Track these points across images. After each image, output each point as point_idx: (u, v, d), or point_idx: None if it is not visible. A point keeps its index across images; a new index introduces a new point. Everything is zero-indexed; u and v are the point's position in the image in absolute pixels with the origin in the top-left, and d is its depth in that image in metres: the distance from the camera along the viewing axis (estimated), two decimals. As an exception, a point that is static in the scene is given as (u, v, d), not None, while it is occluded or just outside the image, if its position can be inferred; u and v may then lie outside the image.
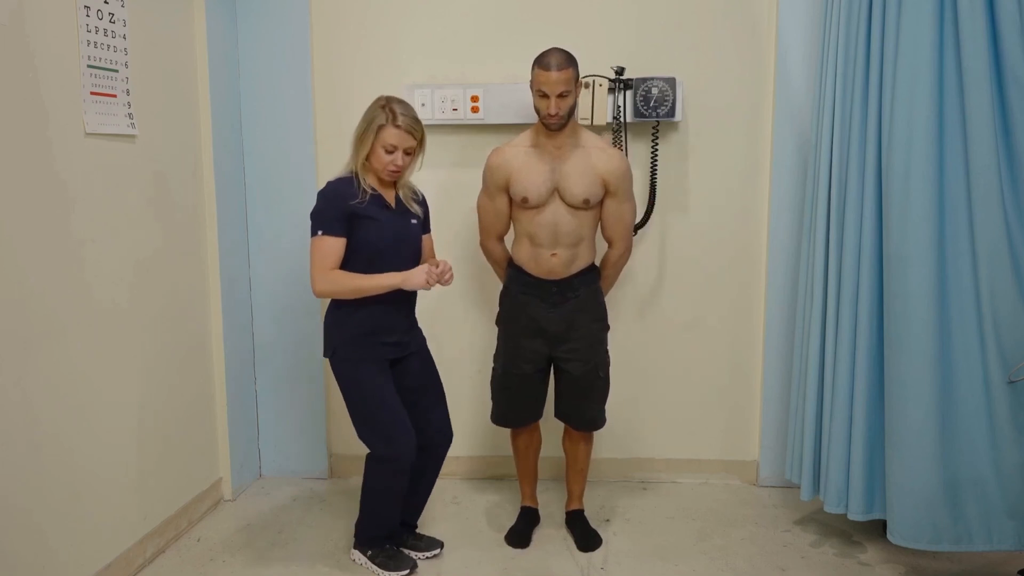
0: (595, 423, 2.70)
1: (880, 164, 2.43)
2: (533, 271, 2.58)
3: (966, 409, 2.31)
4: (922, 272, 2.30)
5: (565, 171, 2.50)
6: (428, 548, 2.64)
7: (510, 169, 2.54)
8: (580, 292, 2.59)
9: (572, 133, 2.53)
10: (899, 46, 2.33)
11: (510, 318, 2.64)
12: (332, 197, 2.33)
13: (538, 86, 2.43)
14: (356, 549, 2.58)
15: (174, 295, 2.75)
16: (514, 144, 2.59)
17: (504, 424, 2.74)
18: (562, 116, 2.44)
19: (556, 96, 2.40)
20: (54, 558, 2.17)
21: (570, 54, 2.46)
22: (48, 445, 2.15)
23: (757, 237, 3.13)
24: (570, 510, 2.82)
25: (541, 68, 2.41)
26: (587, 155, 2.52)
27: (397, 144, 2.31)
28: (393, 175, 2.37)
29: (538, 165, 2.51)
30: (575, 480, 2.80)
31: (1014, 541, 2.33)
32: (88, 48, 2.27)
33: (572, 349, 2.59)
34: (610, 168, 2.53)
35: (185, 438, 2.83)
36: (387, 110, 2.31)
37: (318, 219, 2.32)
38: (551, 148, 2.52)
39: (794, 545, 2.72)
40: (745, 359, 3.20)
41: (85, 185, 2.28)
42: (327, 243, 2.30)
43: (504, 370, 2.66)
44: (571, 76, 2.42)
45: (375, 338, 2.39)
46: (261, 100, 3.12)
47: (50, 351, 2.15)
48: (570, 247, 2.55)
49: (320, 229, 2.30)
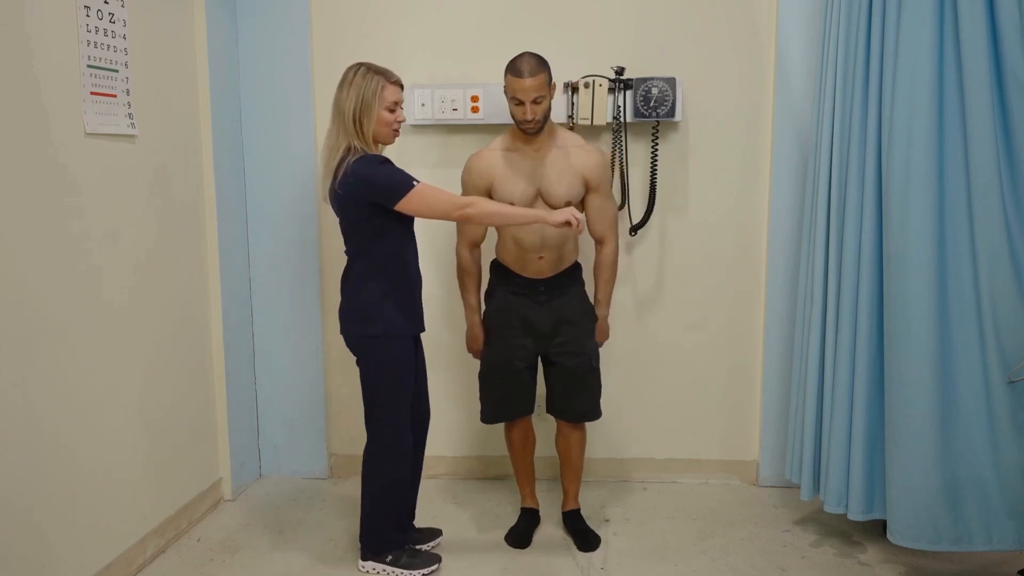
0: (589, 414, 2.70)
1: (880, 164, 2.43)
2: (520, 272, 2.60)
3: (966, 409, 2.31)
4: (922, 272, 2.30)
5: (546, 174, 2.53)
6: (431, 538, 2.67)
7: (493, 175, 2.56)
8: (567, 289, 2.63)
9: (550, 134, 2.57)
10: (899, 46, 2.33)
11: (499, 317, 2.65)
12: (385, 160, 2.33)
13: (512, 93, 2.45)
14: (370, 560, 2.52)
15: (174, 295, 2.75)
16: (493, 148, 2.61)
17: (495, 420, 2.73)
18: (538, 121, 2.46)
19: (531, 102, 2.42)
20: (54, 558, 2.17)
21: (541, 58, 2.47)
22: (48, 444, 2.15)
23: (757, 237, 3.13)
24: (567, 510, 2.82)
25: (513, 75, 2.43)
26: (566, 155, 2.55)
27: (398, 100, 2.36)
28: (396, 134, 2.39)
29: (519, 170, 2.54)
30: (570, 479, 2.80)
31: (1014, 541, 2.34)
32: (88, 48, 2.27)
33: (563, 343, 2.61)
34: (589, 164, 2.56)
35: (185, 438, 2.83)
36: (373, 72, 2.32)
37: (401, 175, 2.28)
38: (530, 152, 2.55)
39: (794, 545, 2.72)
40: (745, 359, 3.20)
41: (85, 185, 2.28)
42: (428, 187, 2.29)
43: (493, 368, 2.66)
44: (544, 81, 2.44)
45: (418, 313, 2.45)
46: (261, 100, 3.12)
47: (50, 351, 2.15)
48: (556, 248, 2.57)
49: (412, 181, 2.27)
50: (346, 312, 2.43)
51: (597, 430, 3.23)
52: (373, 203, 2.30)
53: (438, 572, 2.54)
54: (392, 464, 2.46)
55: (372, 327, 2.38)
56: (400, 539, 2.54)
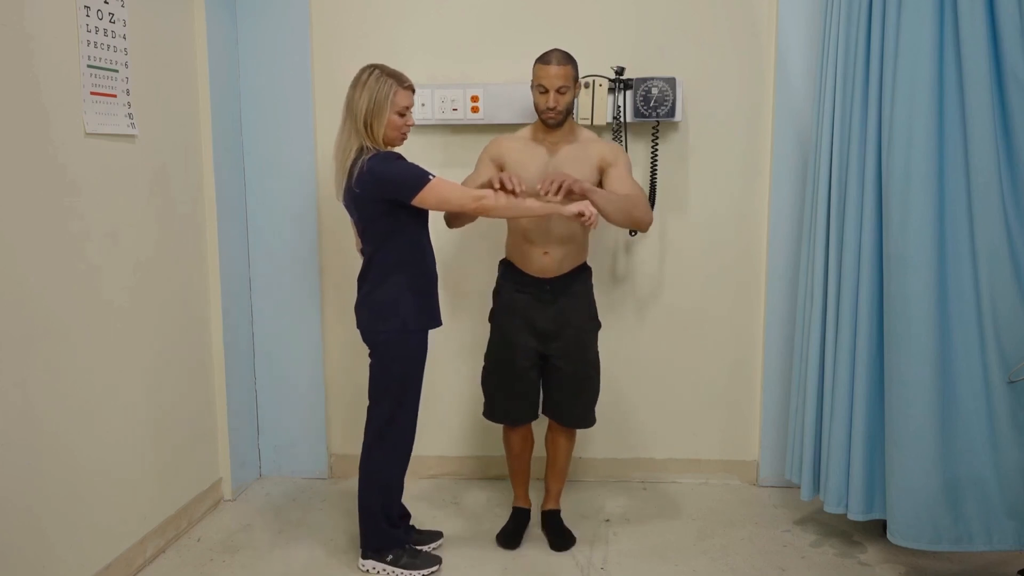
0: (583, 421, 2.71)
1: (880, 164, 2.43)
2: (526, 269, 2.60)
3: (966, 409, 2.31)
4: (922, 272, 2.30)
5: (559, 163, 2.54)
6: (432, 540, 2.67)
7: (507, 158, 2.59)
8: (573, 290, 2.62)
9: (570, 131, 2.59)
10: (899, 46, 2.33)
11: (504, 315, 2.65)
12: (399, 156, 2.36)
13: (538, 81, 2.50)
14: (371, 559, 2.52)
15: (174, 295, 2.75)
16: (513, 137, 2.65)
17: (498, 419, 2.73)
18: (560, 111, 2.49)
19: (555, 91, 2.47)
20: (54, 557, 2.17)
21: (570, 55, 2.52)
22: (48, 444, 2.15)
23: (757, 237, 3.13)
24: (546, 509, 2.81)
25: (542, 63, 2.50)
26: (583, 147, 2.58)
27: (409, 105, 2.39)
28: (404, 137, 2.42)
29: (534, 157, 2.57)
30: (554, 479, 2.80)
31: (1014, 541, 2.34)
32: (88, 48, 2.27)
33: (563, 347, 2.61)
34: (604, 149, 2.59)
35: (185, 438, 2.83)
36: (386, 76, 2.34)
37: (417, 171, 2.31)
38: (548, 144, 2.58)
39: (794, 545, 2.72)
40: (745, 359, 3.20)
41: (85, 185, 2.28)
42: (444, 180, 2.32)
43: (497, 365, 2.67)
44: (570, 73, 2.49)
45: (435, 308, 2.48)
46: (261, 100, 3.12)
47: (50, 351, 2.15)
48: (561, 245, 2.57)
49: (428, 175, 2.30)
50: (365, 307, 2.44)
51: (597, 430, 3.22)
52: (390, 199, 2.32)
53: (438, 573, 2.54)
54: (396, 461, 2.47)
55: (391, 322, 2.40)
56: (401, 538, 2.54)
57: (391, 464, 2.48)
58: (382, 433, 2.45)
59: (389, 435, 2.45)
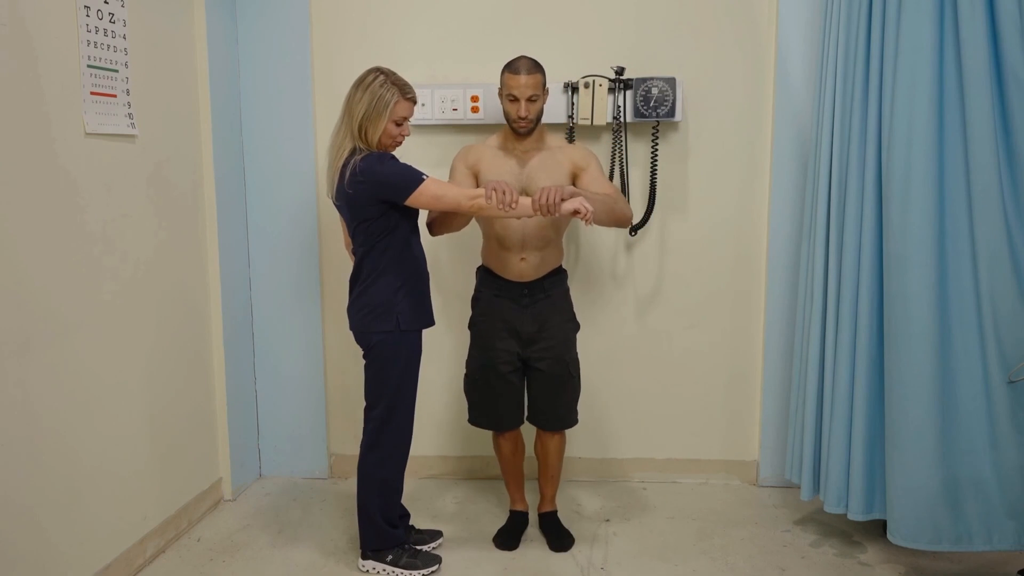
0: (566, 421, 2.71)
1: (880, 164, 2.43)
2: (503, 275, 2.61)
3: (966, 409, 2.31)
4: (922, 272, 2.30)
5: (532, 172, 2.55)
6: (431, 540, 2.67)
7: (481, 166, 2.59)
8: (550, 292, 2.63)
9: (539, 138, 2.61)
10: (899, 46, 2.32)
11: (483, 321, 2.66)
12: (392, 156, 2.35)
13: (508, 90, 2.50)
14: (370, 559, 2.52)
15: (174, 295, 2.75)
16: (484, 145, 2.65)
17: (484, 425, 2.73)
18: (531, 120, 2.51)
19: (526, 100, 2.47)
20: (55, 557, 2.17)
21: (538, 62, 2.53)
22: (49, 444, 2.15)
23: (757, 237, 3.13)
24: (543, 512, 2.82)
25: (511, 72, 2.49)
26: (552, 154, 2.59)
27: (408, 115, 2.38)
28: (398, 145, 2.41)
29: (505, 166, 2.57)
30: (547, 483, 2.80)
31: (1014, 541, 2.33)
32: (88, 48, 2.27)
33: (544, 348, 2.61)
34: (575, 154, 2.61)
35: (185, 438, 2.83)
36: (390, 83, 2.33)
37: (410, 171, 2.31)
38: (519, 152, 2.59)
39: (794, 545, 2.72)
40: (745, 359, 3.20)
41: (85, 185, 2.28)
42: (436, 180, 2.32)
43: (480, 372, 2.67)
44: (540, 81, 2.50)
45: (428, 307, 2.49)
46: (261, 100, 3.12)
47: (51, 350, 2.15)
48: (538, 250, 2.57)
49: (421, 175, 2.30)
50: (357, 308, 2.43)
51: (597, 430, 3.24)
52: (383, 200, 2.31)
53: (438, 572, 2.54)
54: (394, 462, 2.47)
55: (385, 322, 2.39)
56: (401, 538, 2.55)
57: (390, 464, 2.48)
58: (380, 434, 2.45)
59: (387, 435, 2.45)
